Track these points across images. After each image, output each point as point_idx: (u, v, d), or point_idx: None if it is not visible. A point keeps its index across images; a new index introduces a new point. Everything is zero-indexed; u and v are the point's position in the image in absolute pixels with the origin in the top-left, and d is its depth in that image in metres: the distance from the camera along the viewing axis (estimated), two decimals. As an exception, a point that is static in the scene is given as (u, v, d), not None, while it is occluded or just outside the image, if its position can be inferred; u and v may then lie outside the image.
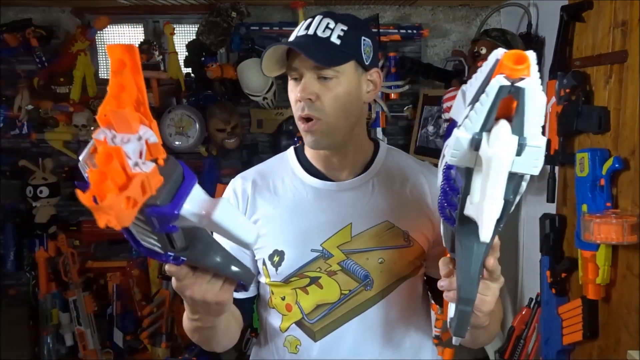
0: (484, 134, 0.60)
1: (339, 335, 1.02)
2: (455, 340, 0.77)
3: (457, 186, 0.68)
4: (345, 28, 0.99)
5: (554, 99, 1.96)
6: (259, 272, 1.08)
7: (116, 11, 2.68)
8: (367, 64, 1.02)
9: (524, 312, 2.23)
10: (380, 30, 2.65)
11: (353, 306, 1.02)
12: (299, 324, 1.05)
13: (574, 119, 1.85)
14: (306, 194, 1.06)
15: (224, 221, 0.62)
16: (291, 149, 1.15)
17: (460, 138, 0.61)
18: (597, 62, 1.80)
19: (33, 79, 2.69)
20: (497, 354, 2.33)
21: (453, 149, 0.62)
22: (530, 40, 2.35)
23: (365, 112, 1.07)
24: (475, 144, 0.60)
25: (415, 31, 2.71)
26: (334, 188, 1.06)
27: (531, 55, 0.59)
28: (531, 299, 2.22)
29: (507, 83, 0.58)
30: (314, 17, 1.00)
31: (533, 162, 0.60)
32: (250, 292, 1.12)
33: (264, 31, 2.72)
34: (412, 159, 1.15)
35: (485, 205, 0.59)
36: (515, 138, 0.59)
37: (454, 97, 2.20)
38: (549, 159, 2.02)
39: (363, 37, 1.01)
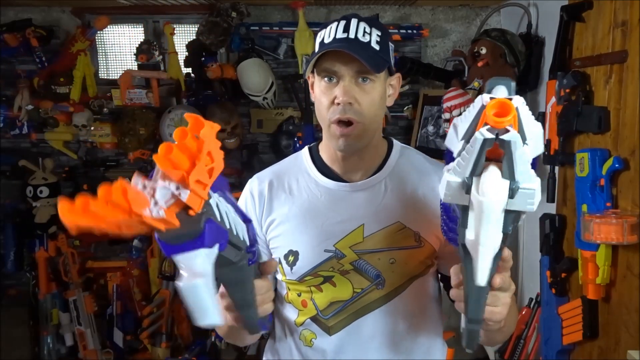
0: (474, 179, 0.61)
1: (352, 331, 1.06)
2: (468, 350, 0.77)
3: (456, 216, 0.69)
4: (379, 34, 1.00)
5: (554, 99, 1.96)
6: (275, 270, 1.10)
7: (116, 11, 2.68)
8: (393, 69, 1.05)
9: (524, 312, 2.23)
10: (380, 30, 2.65)
11: (365, 304, 1.06)
12: (314, 319, 1.09)
13: (574, 119, 1.85)
14: (320, 195, 1.08)
15: (187, 295, 0.62)
16: (306, 150, 1.16)
17: (450, 182, 0.63)
18: (597, 62, 1.80)
19: (33, 79, 2.69)
20: (497, 354, 2.33)
21: (445, 191, 0.64)
22: (530, 40, 2.35)
23: (384, 115, 1.11)
24: (466, 188, 0.62)
25: (415, 31, 2.72)
26: (347, 189, 1.08)
27: (517, 101, 0.59)
28: (531, 299, 2.22)
29: (491, 136, 0.58)
30: (348, 20, 1.00)
31: (528, 202, 0.62)
32: None
33: (264, 31, 2.72)
34: (426, 158, 1.15)
35: (479, 250, 0.63)
36: (507, 182, 0.61)
37: (454, 97, 2.21)
38: (549, 159, 2.02)
39: (390, 43, 1.04)
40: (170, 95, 2.77)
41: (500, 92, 0.64)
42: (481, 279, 0.66)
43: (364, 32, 0.98)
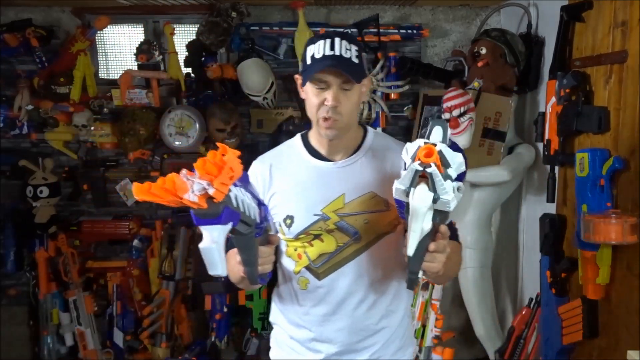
0: (411, 189, 1.04)
1: (337, 276, 1.36)
2: (408, 289, 1.20)
3: (402, 204, 1.10)
4: (357, 49, 1.29)
5: (554, 99, 1.96)
6: (276, 230, 1.41)
7: (116, 11, 2.68)
8: (366, 73, 1.36)
9: (524, 312, 2.24)
10: (380, 30, 2.65)
11: (346, 254, 1.35)
12: (307, 268, 1.38)
13: (574, 119, 1.85)
14: (310, 172, 1.38)
15: (204, 254, 0.94)
16: (298, 136, 1.46)
17: (398, 188, 1.07)
18: (597, 62, 1.80)
19: (33, 79, 2.69)
20: (497, 354, 2.34)
21: (395, 191, 1.08)
22: (530, 40, 2.35)
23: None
24: (406, 193, 1.05)
25: (415, 31, 2.72)
26: (331, 166, 1.38)
27: (440, 146, 1.03)
28: (531, 299, 2.22)
29: (420, 168, 1.02)
30: (332, 39, 1.27)
31: (446, 206, 1.04)
32: None
33: (264, 31, 2.72)
34: (393, 140, 1.47)
35: (409, 235, 1.07)
36: (431, 194, 1.03)
37: (454, 97, 2.20)
38: (549, 159, 2.02)
39: (364, 54, 1.32)
40: (170, 95, 2.77)
41: (436, 132, 1.07)
42: (409, 250, 1.09)
43: (346, 49, 1.26)
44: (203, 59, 2.65)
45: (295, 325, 1.43)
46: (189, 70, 2.70)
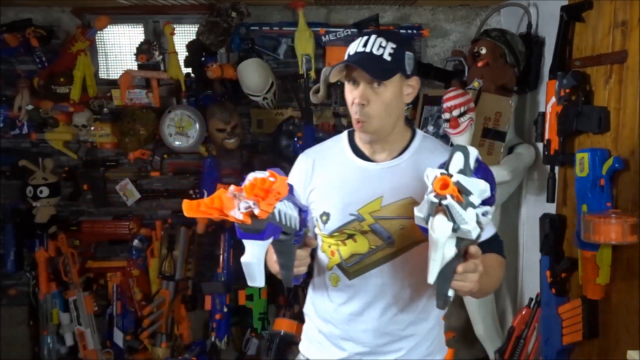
0: (430, 217, 1.02)
1: (367, 278, 1.34)
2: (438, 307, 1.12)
3: (425, 229, 1.07)
4: (394, 46, 1.24)
5: (554, 99, 1.96)
6: (314, 226, 1.40)
7: (116, 11, 2.68)
8: (408, 73, 1.29)
9: (524, 312, 2.24)
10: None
11: (378, 257, 1.33)
12: (339, 265, 1.37)
13: (574, 119, 1.85)
14: (350, 171, 1.36)
15: (245, 267, 1.01)
16: (345, 133, 1.43)
17: (417, 215, 1.06)
18: (597, 62, 1.80)
19: (33, 79, 2.68)
20: (497, 354, 2.34)
21: (415, 219, 1.07)
22: (530, 40, 2.35)
23: (404, 109, 1.37)
24: (425, 222, 1.04)
25: (415, 31, 2.71)
26: (372, 167, 1.35)
27: (456, 177, 0.99)
28: (531, 299, 2.22)
29: (436, 201, 1.00)
30: (369, 35, 1.26)
31: (467, 234, 1.01)
32: None
33: (264, 31, 2.72)
34: (442, 145, 1.42)
35: (430, 263, 1.04)
36: (450, 224, 1.00)
37: (454, 97, 2.20)
38: (549, 159, 2.02)
39: (407, 52, 1.27)
40: (170, 95, 2.77)
41: (457, 159, 1.02)
42: (430, 278, 1.05)
43: (379, 46, 1.23)
44: (203, 59, 2.65)
45: (323, 320, 1.43)
46: (189, 70, 2.70)
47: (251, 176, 0.99)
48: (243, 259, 0.99)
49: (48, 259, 2.76)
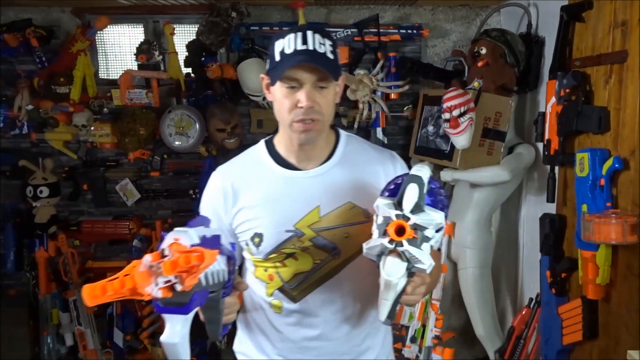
0: (382, 257, 0.99)
1: (315, 296, 1.23)
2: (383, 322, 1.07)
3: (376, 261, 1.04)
4: (331, 44, 1.14)
5: (554, 99, 1.96)
6: (242, 249, 1.27)
7: (116, 11, 2.68)
8: (341, 71, 1.21)
9: (524, 312, 2.24)
10: (380, 30, 2.65)
11: (324, 272, 1.22)
12: (281, 289, 1.24)
13: (574, 119, 1.85)
14: (279, 183, 1.23)
15: (166, 348, 0.85)
16: (262, 143, 1.30)
17: (366, 251, 1.04)
18: (597, 62, 1.80)
19: (33, 79, 2.69)
20: (497, 354, 2.33)
21: (364, 252, 1.04)
22: (530, 40, 2.35)
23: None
24: (377, 261, 1.01)
25: (415, 31, 2.71)
26: (303, 176, 1.23)
27: (413, 219, 0.97)
28: (531, 299, 2.22)
29: (391, 247, 0.97)
30: (304, 32, 1.12)
31: (421, 270, 1.00)
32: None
33: (264, 31, 2.72)
34: (370, 145, 1.34)
35: (380, 302, 1.01)
36: (404, 264, 0.98)
37: (454, 97, 2.20)
38: (549, 159, 2.02)
39: (337, 50, 1.17)
40: (170, 95, 2.77)
41: (410, 191, 0.98)
42: (382, 317, 1.02)
43: (319, 43, 1.11)
44: (203, 59, 2.65)
45: (266, 355, 1.29)
46: (189, 70, 2.70)
47: (170, 239, 0.83)
48: (164, 339, 0.83)
49: (48, 259, 2.76)
